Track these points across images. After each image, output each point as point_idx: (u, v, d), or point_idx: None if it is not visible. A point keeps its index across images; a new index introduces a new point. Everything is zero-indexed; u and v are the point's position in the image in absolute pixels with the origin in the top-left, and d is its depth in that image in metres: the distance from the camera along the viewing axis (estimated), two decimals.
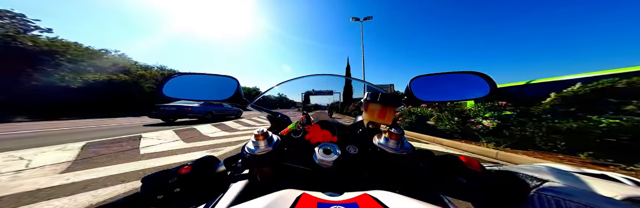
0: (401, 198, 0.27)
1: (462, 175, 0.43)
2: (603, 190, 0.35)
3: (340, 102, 1.65)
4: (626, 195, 0.33)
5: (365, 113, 0.61)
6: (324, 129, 0.55)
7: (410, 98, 0.65)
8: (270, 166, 0.49)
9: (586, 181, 0.39)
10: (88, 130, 7.18)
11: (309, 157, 0.47)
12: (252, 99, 0.79)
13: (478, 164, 0.45)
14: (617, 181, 0.42)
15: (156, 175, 0.45)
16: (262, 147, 0.45)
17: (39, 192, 2.13)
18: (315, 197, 0.28)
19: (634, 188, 0.36)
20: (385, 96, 0.58)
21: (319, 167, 0.44)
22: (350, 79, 1.12)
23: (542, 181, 0.39)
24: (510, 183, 0.41)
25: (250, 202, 0.27)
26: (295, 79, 0.88)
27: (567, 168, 0.47)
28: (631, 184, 0.41)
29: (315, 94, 1.35)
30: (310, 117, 0.60)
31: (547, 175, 0.41)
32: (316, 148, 0.47)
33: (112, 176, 2.60)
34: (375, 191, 0.30)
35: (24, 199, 1.97)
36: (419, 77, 0.67)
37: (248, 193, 0.49)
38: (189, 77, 0.71)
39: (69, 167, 2.92)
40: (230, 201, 0.45)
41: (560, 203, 0.33)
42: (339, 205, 0.25)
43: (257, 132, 0.46)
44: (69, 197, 2.02)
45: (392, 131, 0.45)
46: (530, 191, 0.38)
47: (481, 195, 0.41)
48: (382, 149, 0.46)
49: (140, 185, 0.44)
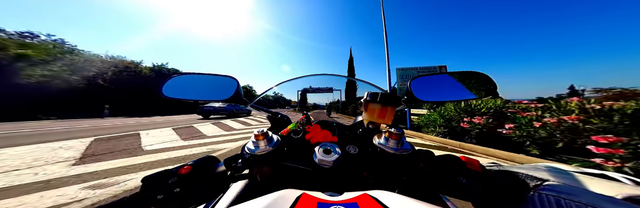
0: (401, 198, 0.27)
1: (462, 174, 0.42)
2: (603, 189, 0.35)
3: (342, 101, 1.64)
4: (626, 194, 0.34)
5: (365, 113, 0.61)
6: (324, 129, 0.55)
7: (410, 98, 0.65)
8: (270, 166, 0.49)
9: (586, 180, 0.39)
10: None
11: (309, 157, 0.46)
12: (250, 99, 0.79)
13: (478, 164, 0.45)
14: (616, 180, 0.42)
15: (156, 175, 0.45)
16: (262, 147, 0.45)
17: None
18: (315, 197, 0.28)
19: (634, 188, 0.36)
20: (385, 96, 0.58)
21: (319, 167, 0.44)
22: (351, 79, 1.12)
23: (542, 180, 0.39)
24: (511, 183, 0.41)
25: (250, 201, 0.27)
26: (295, 79, 0.88)
27: (567, 168, 0.47)
28: (631, 183, 0.41)
29: (313, 91, 1.33)
30: (310, 117, 0.60)
31: (547, 174, 0.41)
32: (316, 148, 0.47)
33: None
34: (375, 191, 0.30)
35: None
36: (419, 77, 0.67)
37: (248, 193, 0.49)
38: (189, 77, 0.71)
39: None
40: (230, 201, 0.45)
41: (561, 202, 0.33)
42: (339, 205, 0.25)
43: (257, 132, 0.46)
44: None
45: (392, 131, 0.45)
46: (530, 191, 0.38)
47: (481, 194, 0.41)
48: (382, 149, 0.46)
49: (140, 185, 0.44)
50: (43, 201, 1.93)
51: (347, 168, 0.46)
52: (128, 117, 16.38)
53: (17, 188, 2.19)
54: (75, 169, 2.83)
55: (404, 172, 0.47)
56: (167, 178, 0.45)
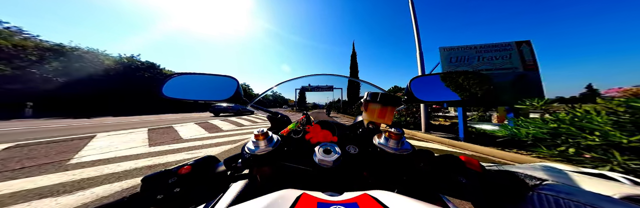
0: (401, 198, 0.27)
1: (462, 174, 0.43)
2: (601, 189, 0.35)
3: (343, 100, 1.63)
4: (624, 193, 0.34)
5: (365, 113, 0.61)
6: (324, 129, 0.55)
7: (410, 98, 0.65)
8: (270, 166, 0.49)
9: (585, 180, 0.39)
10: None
11: (309, 157, 0.47)
12: (249, 99, 0.79)
13: (478, 164, 0.45)
14: (615, 180, 0.42)
15: (156, 175, 0.45)
16: (262, 147, 0.45)
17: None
18: (315, 197, 0.28)
19: (632, 187, 0.37)
20: (385, 96, 0.58)
21: (319, 167, 0.44)
22: (352, 79, 1.12)
23: (541, 180, 0.39)
24: (510, 183, 0.41)
25: (250, 201, 0.27)
26: (295, 79, 0.88)
27: (566, 168, 0.47)
28: (629, 183, 0.41)
29: (312, 89, 1.32)
30: (310, 117, 0.60)
31: (546, 174, 0.41)
32: (316, 148, 0.47)
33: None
34: (375, 191, 0.30)
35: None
36: (419, 77, 0.67)
37: (248, 193, 0.49)
38: (189, 77, 0.71)
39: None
40: (230, 201, 0.45)
41: (560, 202, 0.33)
42: (338, 205, 0.25)
43: (257, 132, 0.46)
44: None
45: (392, 131, 0.45)
46: (529, 190, 0.38)
47: (481, 194, 0.41)
48: (382, 149, 0.46)
49: (140, 185, 0.44)
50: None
51: (347, 168, 0.46)
52: (64, 118, 12.33)
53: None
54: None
55: (403, 172, 0.47)
56: (167, 178, 0.45)
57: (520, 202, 0.38)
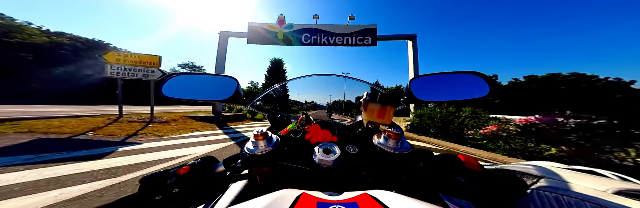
0: (401, 198, 0.27)
1: (461, 174, 0.43)
2: (594, 185, 0.37)
3: (345, 101, 1.62)
4: (616, 189, 0.35)
5: (365, 113, 0.61)
6: (324, 129, 0.55)
7: (410, 98, 0.65)
8: (270, 166, 0.49)
9: (578, 177, 0.40)
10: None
11: (309, 157, 0.46)
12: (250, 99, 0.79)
13: (477, 163, 0.45)
14: (604, 176, 0.44)
15: (155, 176, 0.45)
16: (262, 147, 0.45)
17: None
18: (315, 197, 0.28)
19: (622, 183, 0.38)
20: (384, 96, 0.58)
21: (319, 167, 0.44)
22: (352, 79, 1.12)
23: (538, 178, 0.40)
24: (509, 182, 0.42)
25: (250, 202, 0.27)
26: (296, 79, 0.88)
27: (558, 166, 0.49)
28: (617, 179, 0.43)
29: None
30: (310, 117, 0.60)
31: (542, 172, 0.42)
32: (316, 148, 0.47)
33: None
34: (375, 191, 0.30)
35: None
36: (419, 77, 0.67)
37: (248, 193, 0.49)
38: (189, 77, 0.71)
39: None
40: (230, 201, 0.45)
41: (559, 198, 0.34)
42: (338, 204, 0.25)
43: (256, 132, 0.45)
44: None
45: (391, 131, 0.45)
46: (528, 188, 0.39)
47: (481, 194, 0.41)
48: (381, 149, 0.46)
49: (139, 186, 0.44)
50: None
51: (347, 168, 0.46)
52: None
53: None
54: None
55: (403, 171, 0.47)
56: (166, 179, 0.45)
57: (520, 200, 0.38)
